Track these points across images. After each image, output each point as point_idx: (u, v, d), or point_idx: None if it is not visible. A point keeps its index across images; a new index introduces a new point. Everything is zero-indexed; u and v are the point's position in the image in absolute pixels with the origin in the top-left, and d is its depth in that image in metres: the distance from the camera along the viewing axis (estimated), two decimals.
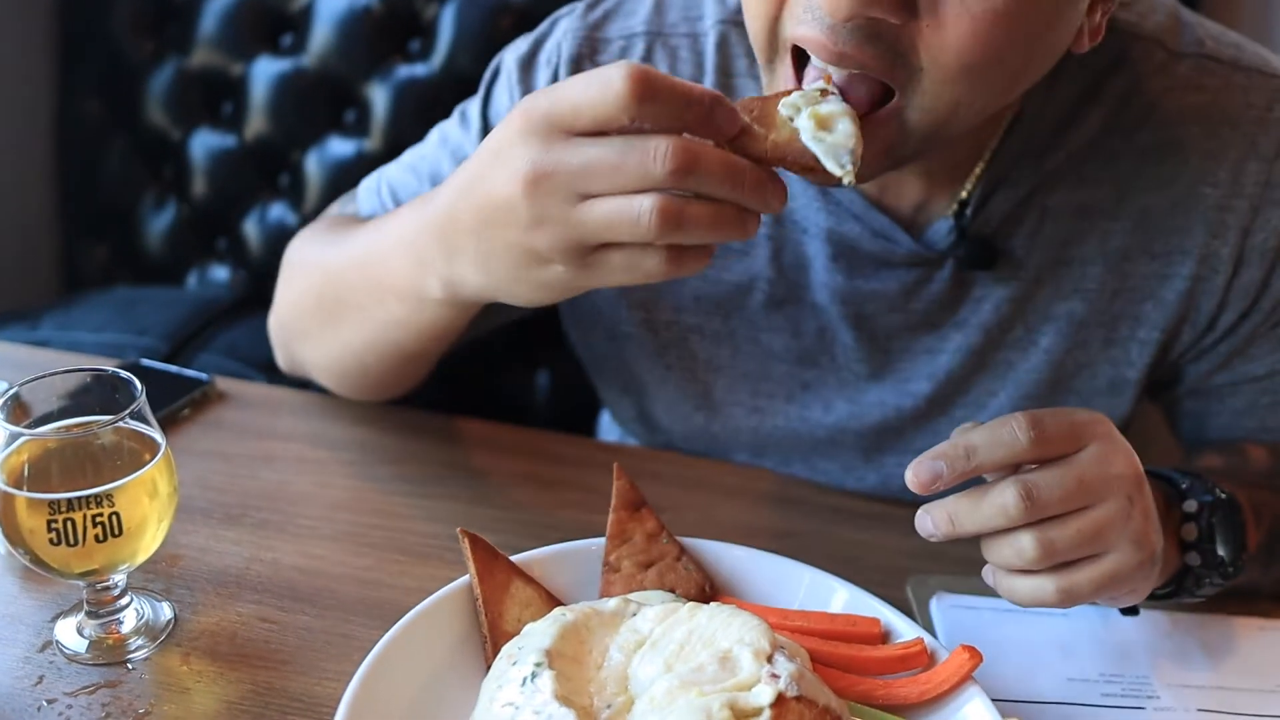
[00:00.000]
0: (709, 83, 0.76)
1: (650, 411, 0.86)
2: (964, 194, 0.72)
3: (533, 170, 0.53)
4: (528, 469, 0.85)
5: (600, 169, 0.52)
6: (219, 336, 1.26)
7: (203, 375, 0.93)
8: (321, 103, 1.40)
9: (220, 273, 1.48)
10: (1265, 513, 0.71)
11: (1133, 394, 0.78)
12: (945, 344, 0.77)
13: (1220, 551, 0.66)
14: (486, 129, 0.81)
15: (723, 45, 0.76)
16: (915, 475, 0.59)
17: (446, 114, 1.33)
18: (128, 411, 0.61)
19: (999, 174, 0.72)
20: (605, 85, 0.51)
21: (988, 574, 0.62)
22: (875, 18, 0.57)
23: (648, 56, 0.78)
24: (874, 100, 0.60)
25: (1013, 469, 0.59)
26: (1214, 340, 0.76)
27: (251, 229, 1.45)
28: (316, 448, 0.86)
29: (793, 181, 0.71)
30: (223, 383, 0.94)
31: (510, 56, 0.82)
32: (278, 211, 1.44)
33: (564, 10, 0.81)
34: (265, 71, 1.40)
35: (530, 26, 1.27)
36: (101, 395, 0.64)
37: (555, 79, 0.79)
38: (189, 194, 1.46)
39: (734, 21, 0.76)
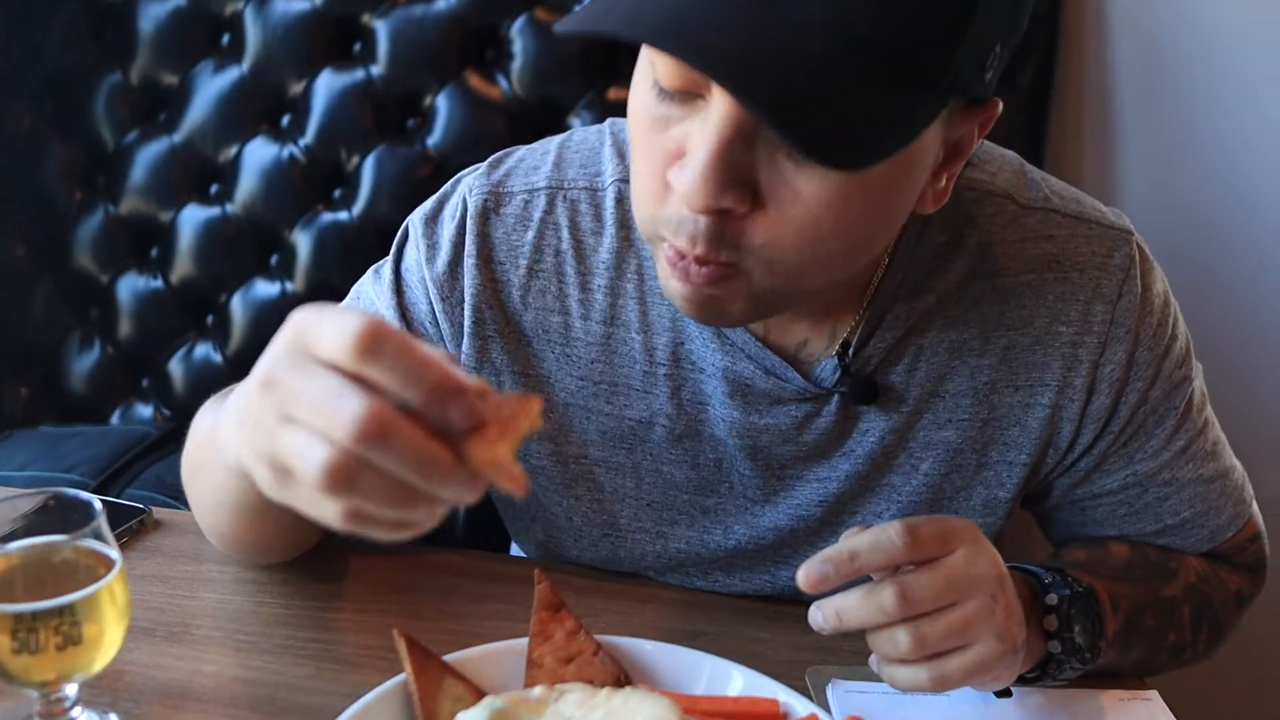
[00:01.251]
0: (609, 236, 0.81)
1: (558, 540, 0.91)
2: (845, 336, 0.80)
3: (265, 376, 0.52)
4: (453, 584, 0.91)
5: (305, 400, 0.49)
6: (146, 471, 1.30)
7: (139, 505, 0.97)
8: (247, 247, 1.48)
9: (144, 411, 1.52)
10: (1123, 603, 0.81)
11: (1004, 511, 0.85)
12: (835, 472, 0.83)
13: (1079, 640, 0.75)
14: (398, 285, 0.84)
15: (621, 201, 0.81)
16: (806, 576, 0.67)
17: (367, 256, 1.42)
18: (90, 528, 0.66)
19: (876, 317, 0.78)
20: (343, 326, 0.49)
21: (873, 663, 0.71)
22: (726, 209, 0.62)
23: (549, 209, 0.82)
24: (717, 278, 0.66)
25: (893, 569, 0.68)
26: (1074, 459, 0.84)
27: (176, 368, 1.50)
28: (252, 569, 0.91)
29: (689, 324, 0.80)
30: (158, 512, 0.98)
31: (416, 216, 0.85)
32: (203, 351, 1.50)
33: (467, 170, 0.86)
34: (193, 218, 1.48)
35: (444, 176, 1.37)
36: (60, 516, 0.69)
37: (460, 233, 0.82)
38: (114, 335, 1.51)
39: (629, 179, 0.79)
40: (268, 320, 1.48)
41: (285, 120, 1.46)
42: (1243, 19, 1.38)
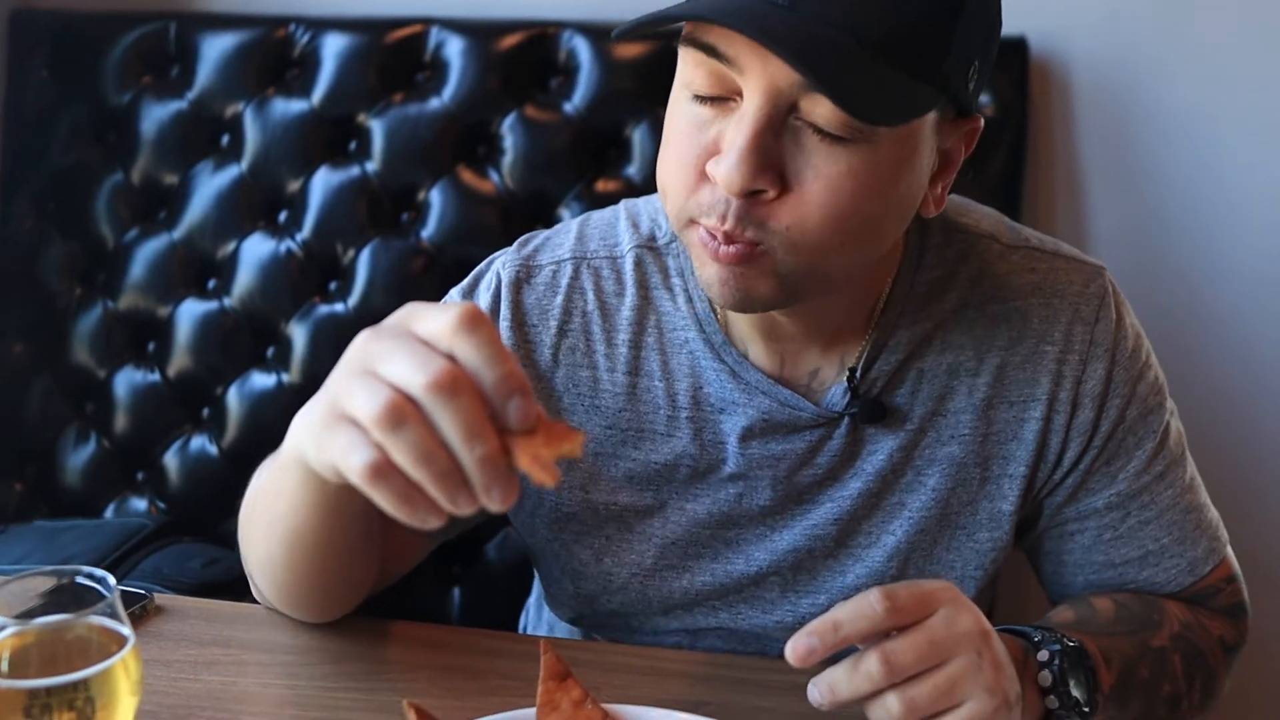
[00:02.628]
0: (630, 296, 0.89)
1: (588, 590, 0.95)
2: (852, 362, 0.86)
3: (361, 343, 0.58)
4: (457, 662, 0.92)
5: (390, 355, 0.55)
6: (143, 563, 1.31)
7: (141, 590, 0.98)
8: (244, 340, 1.50)
9: (139, 504, 1.52)
10: (1115, 657, 0.82)
11: (1008, 525, 0.90)
12: (847, 490, 0.89)
13: (1075, 693, 0.77)
14: None
15: (639, 265, 0.90)
16: (793, 649, 0.69)
17: None
18: (104, 604, 0.67)
19: (880, 343, 0.86)
20: (444, 307, 0.56)
21: None
22: (759, 190, 0.71)
23: (575, 276, 0.90)
24: (745, 256, 0.74)
25: (879, 636, 0.69)
26: (1062, 475, 0.89)
27: (172, 461, 1.51)
28: (255, 652, 0.91)
29: (707, 369, 0.88)
30: (159, 598, 0.99)
31: (454, 293, 0.94)
32: (198, 443, 1.51)
33: (497, 253, 0.94)
34: (190, 312, 1.51)
35: (439, 268, 1.43)
36: (73, 595, 0.70)
37: (496, 301, 0.90)
38: (110, 429, 1.52)
39: (646, 246, 0.90)
40: (264, 412, 1.49)
41: (283, 216, 1.50)
42: (1200, 96, 1.45)
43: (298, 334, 1.49)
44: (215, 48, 1.50)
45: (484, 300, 0.91)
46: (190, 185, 1.51)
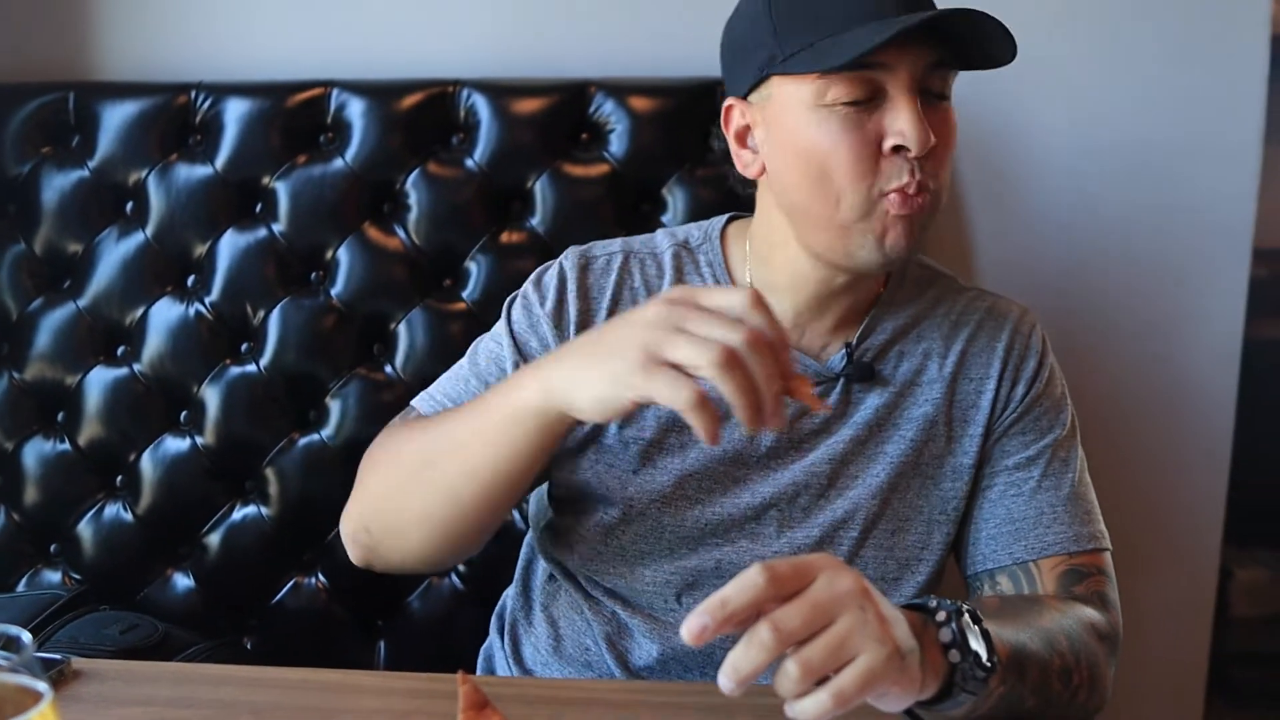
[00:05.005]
0: (669, 278, 1.11)
1: (609, 518, 1.08)
2: (852, 339, 1.09)
3: (668, 298, 0.82)
4: (379, 705, 0.93)
5: (709, 318, 0.79)
6: (58, 634, 1.29)
7: (57, 656, 0.98)
8: (156, 405, 1.50)
9: (53, 576, 1.50)
10: (1007, 632, 0.87)
11: (968, 477, 1.09)
12: (839, 438, 1.08)
13: (974, 646, 0.81)
14: (512, 333, 1.10)
15: (676, 258, 1.12)
16: (687, 629, 0.72)
17: (276, 408, 1.47)
18: (18, 660, 0.68)
19: (871, 327, 1.10)
20: (734, 291, 0.80)
21: (787, 709, 0.74)
22: (933, 143, 0.95)
23: (625, 263, 1.12)
24: (928, 203, 0.98)
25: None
26: (998, 437, 1.09)
27: (85, 530, 1.50)
28: (177, 709, 0.92)
29: None
30: (77, 662, 0.99)
31: (526, 284, 1.13)
32: (112, 511, 1.50)
33: (556, 258, 1.14)
34: (100, 380, 1.50)
35: (351, 325, 1.46)
36: None
37: (562, 280, 1.11)
38: (20, 502, 1.50)
39: (682, 246, 1.13)
40: (179, 475, 1.49)
41: (191, 280, 1.51)
42: (1067, 121, 1.55)
43: (210, 396, 1.49)
44: (116, 116, 1.51)
45: (553, 282, 1.11)
46: (95, 253, 1.51)
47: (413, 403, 1.13)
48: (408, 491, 1.01)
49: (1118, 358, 1.60)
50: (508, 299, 1.14)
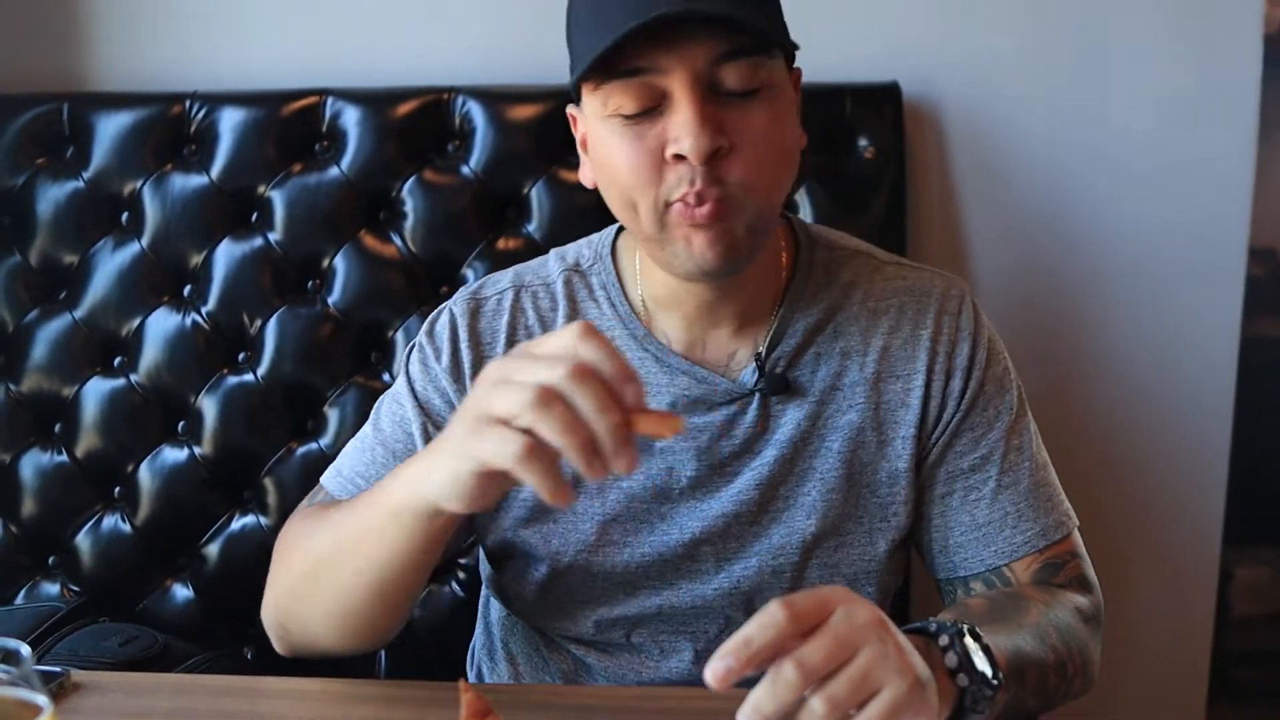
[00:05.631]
0: (562, 309, 1.05)
1: (538, 574, 1.04)
2: (760, 348, 1.01)
3: (495, 364, 0.75)
4: (383, 714, 0.93)
5: (534, 362, 0.71)
6: (57, 647, 1.29)
7: (57, 669, 0.97)
8: (153, 416, 1.50)
9: (51, 589, 1.50)
10: (1001, 639, 0.87)
11: (905, 482, 1.03)
12: (763, 459, 1.01)
13: (981, 667, 0.81)
14: (412, 389, 1.05)
15: (568, 285, 1.06)
16: (713, 674, 0.71)
17: (274, 417, 1.47)
18: (16, 673, 0.68)
19: (780, 331, 1.02)
20: (564, 330, 0.72)
21: None
22: (718, 147, 0.87)
23: (516, 300, 1.06)
24: (718, 211, 0.89)
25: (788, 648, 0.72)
26: (938, 437, 1.03)
27: (84, 541, 1.49)
28: (174, 718, 0.91)
29: (627, 350, 1.02)
30: (76, 675, 0.98)
31: (419, 335, 1.08)
32: (110, 522, 1.50)
33: (447, 301, 1.09)
34: (97, 391, 1.50)
35: (348, 333, 1.46)
36: None
37: (454, 330, 1.05)
38: (18, 514, 1.50)
39: (573, 270, 1.07)
40: (177, 486, 1.49)
41: (187, 290, 1.51)
42: (1061, 129, 1.55)
43: (208, 406, 1.49)
44: (110, 126, 1.51)
45: (445, 334, 1.05)
46: (90, 264, 1.51)
47: (322, 480, 1.09)
48: (309, 592, 0.97)
49: (1115, 358, 1.60)
50: (406, 350, 1.09)
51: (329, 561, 0.94)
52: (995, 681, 0.81)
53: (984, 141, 1.55)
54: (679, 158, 0.88)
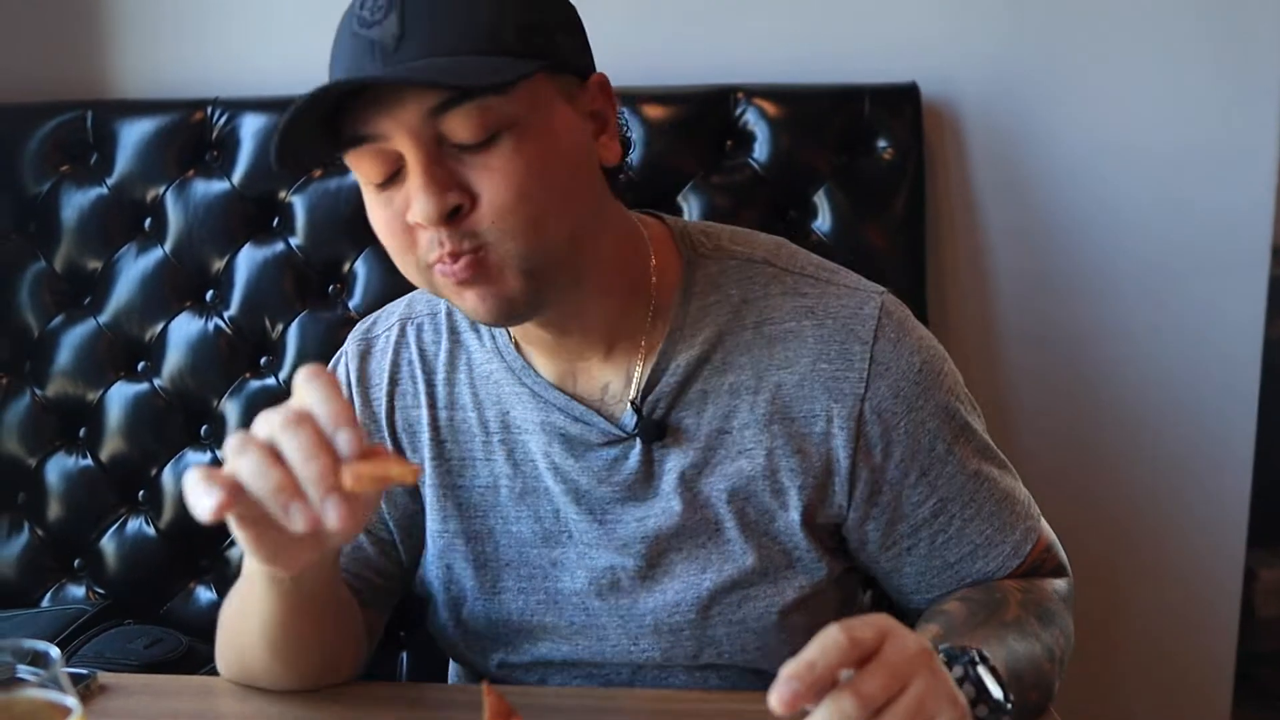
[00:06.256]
0: (444, 342, 1.01)
1: (455, 619, 1.02)
2: (637, 384, 0.94)
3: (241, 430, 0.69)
4: (405, 716, 0.94)
5: (269, 411, 0.67)
6: (83, 649, 1.30)
7: (83, 670, 0.98)
8: (177, 420, 1.51)
9: (76, 591, 1.51)
10: (994, 645, 0.86)
11: (801, 536, 0.94)
12: (650, 511, 0.95)
13: (995, 694, 0.80)
14: None
15: (450, 315, 1.02)
16: (779, 698, 0.68)
17: None
18: (46, 675, 0.68)
19: (660, 367, 0.94)
20: (298, 375, 0.68)
21: None
22: (455, 206, 0.80)
23: (401, 335, 1.02)
24: (476, 263, 0.82)
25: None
26: (865, 498, 0.94)
27: (108, 545, 1.51)
28: None
29: (510, 394, 0.97)
30: (103, 676, 0.99)
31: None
32: (135, 526, 1.51)
33: (350, 336, 1.07)
34: (121, 395, 1.51)
35: None
36: (16, 669, 0.71)
37: (349, 383, 1.03)
38: (43, 518, 1.51)
39: None
40: None
41: (209, 295, 1.52)
42: (1080, 129, 1.54)
43: (231, 410, 1.50)
44: (133, 133, 1.53)
45: (342, 379, 1.03)
46: (114, 269, 1.52)
47: None
48: (238, 653, 0.96)
49: (1136, 359, 1.59)
50: None
51: (238, 623, 0.94)
52: (1009, 705, 0.80)
53: (1003, 142, 1.55)
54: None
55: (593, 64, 0.91)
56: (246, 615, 0.91)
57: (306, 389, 0.66)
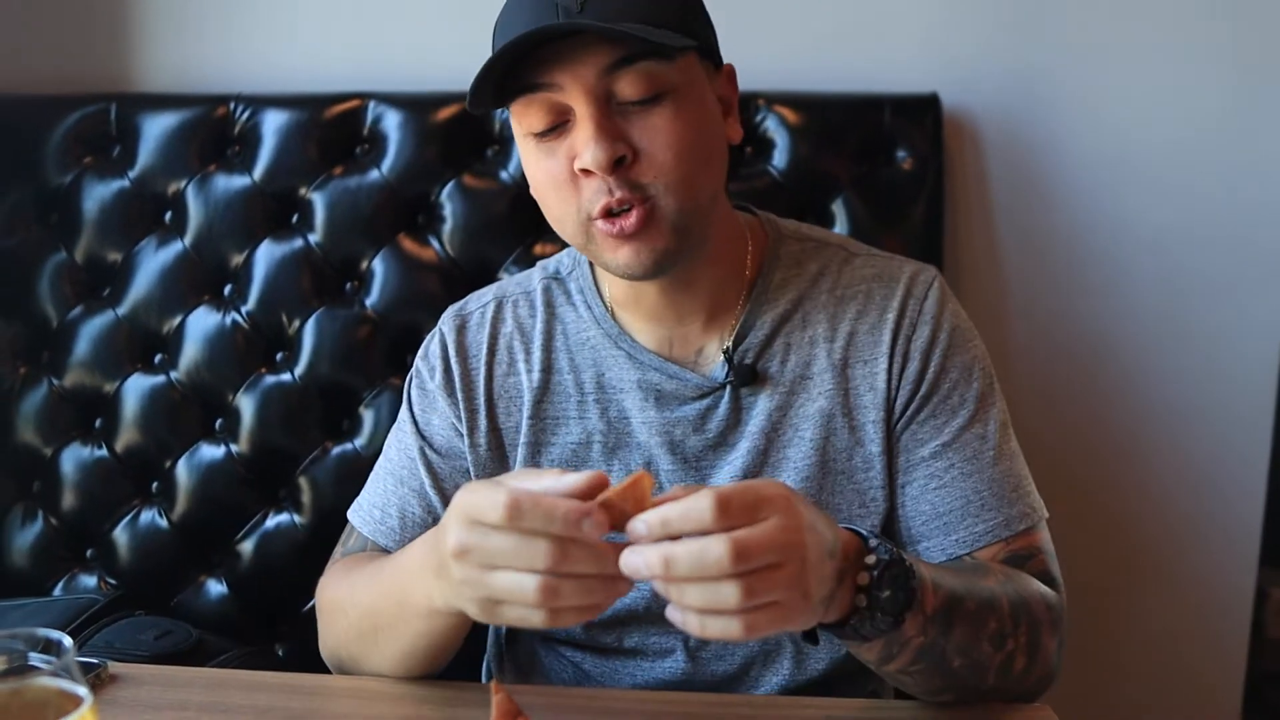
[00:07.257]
0: (540, 315, 1.10)
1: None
2: (728, 342, 1.04)
3: (457, 546, 0.75)
4: (414, 713, 0.94)
5: (502, 554, 0.73)
6: (94, 639, 1.30)
7: (94, 660, 0.99)
8: (191, 413, 1.52)
9: (88, 581, 1.52)
10: (944, 585, 0.85)
11: (880, 466, 1.03)
12: (737, 453, 1.04)
13: (885, 603, 0.80)
14: (414, 418, 1.11)
15: (546, 292, 1.12)
16: (626, 565, 0.72)
17: (310, 417, 1.48)
18: (59, 664, 0.69)
19: (748, 323, 1.05)
20: (493, 500, 0.73)
21: (672, 613, 0.74)
22: (620, 157, 0.90)
23: (498, 311, 1.11)
24: (643, 218, 0.92)
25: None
26: (898, 419, 1.03)
27: (121, 536, 1.51)
28: (213, 714, 0.93)
29: (606, 357, 1.07)
30: (113, 666, 1.00)
31: (416, 360, 1.13)
32: (148, 517, 1.52)
33: (443, 316, 1.14)
34: (137, 387, 1.52)
35: (384, 335, 1.47)
36: (29, 657, 0.71)
37: (444, 348, 1.11)
38: (58, 507, 1.52)
39: (552, 278, 1.12)
40: (214, 483, 1.50)
41: (227, 289, 1.53)
42: (1098, 140, 1.54)
43: (245, 405, 1.50)
44: (156, 127, 1.54)
45: (436, 353, 1.11)
46: (134, 262, 1.53)
47: (349, 514, 1.12)
48: (363, 651, 1.00)
49: (1152, 371, 1.59)
50: (407, 378, 1.13)
51: (378, 630, 0.97)
52: (891, 619, 0.80)
53: (1023, 152, 1.55)
54: (587, 171, 0.92)
55: (715, 53, 1.01)
56: (395, 625, 0.94)
57: (526, 519, 0.72)
